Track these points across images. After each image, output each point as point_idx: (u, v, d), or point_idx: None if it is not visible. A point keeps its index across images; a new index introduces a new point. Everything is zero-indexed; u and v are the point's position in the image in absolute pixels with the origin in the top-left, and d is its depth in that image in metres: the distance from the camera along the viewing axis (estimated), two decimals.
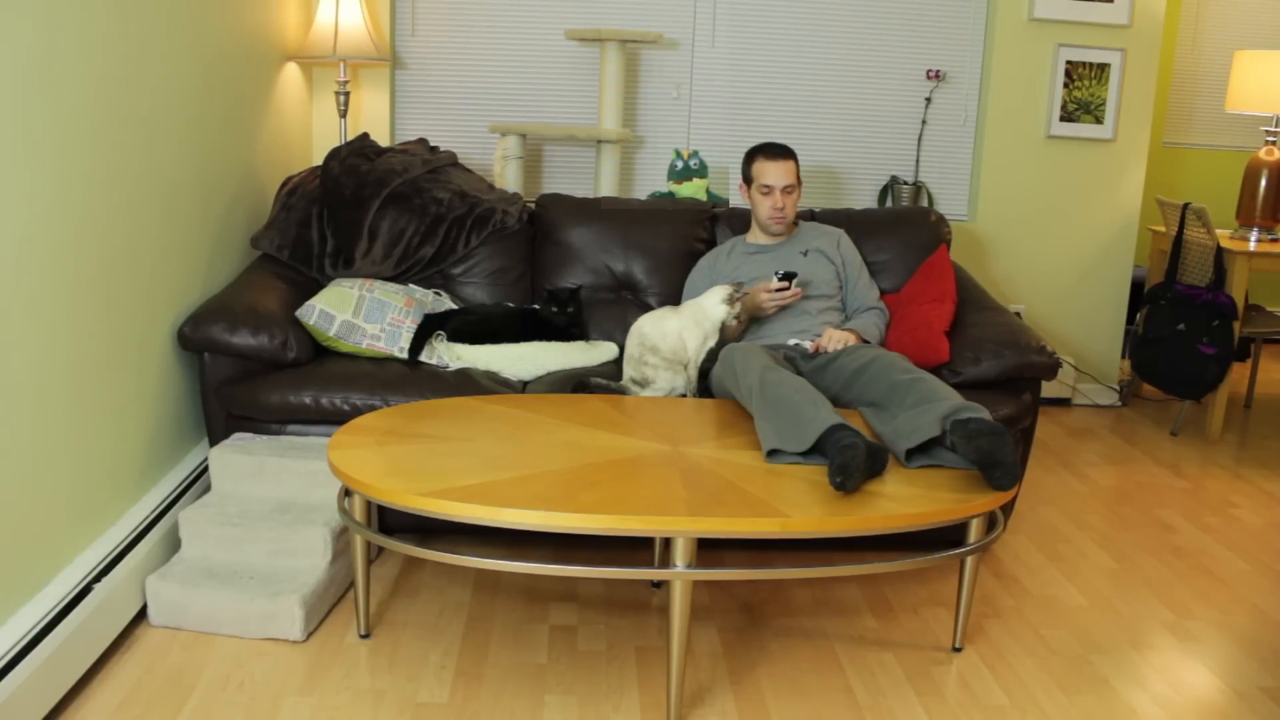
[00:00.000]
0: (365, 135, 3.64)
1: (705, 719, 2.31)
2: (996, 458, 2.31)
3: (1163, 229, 4.71)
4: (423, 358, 3.13)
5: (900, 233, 3.65)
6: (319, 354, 3.13)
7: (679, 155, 4.08)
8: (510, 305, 3.44)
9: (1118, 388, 4.75)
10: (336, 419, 2.92)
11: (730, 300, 2.99)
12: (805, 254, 3.33)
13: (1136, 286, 4.86)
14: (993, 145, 4.48)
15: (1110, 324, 4.71)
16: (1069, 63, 4.42)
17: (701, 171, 4.08)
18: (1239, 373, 5.04)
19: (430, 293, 3.43)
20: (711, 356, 3.02)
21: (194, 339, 2.88)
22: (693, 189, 4.04)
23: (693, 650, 2.58)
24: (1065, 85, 4.43)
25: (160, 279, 2.81)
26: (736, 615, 2.77)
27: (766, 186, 3.29)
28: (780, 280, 3.07)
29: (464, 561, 2.26)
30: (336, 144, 3.86)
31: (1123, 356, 4.87)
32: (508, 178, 4.09)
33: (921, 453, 2.49)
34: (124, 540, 2.55)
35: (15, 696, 2.02)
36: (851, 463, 2.26)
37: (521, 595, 2.82)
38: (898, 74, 4.46)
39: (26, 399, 2.19)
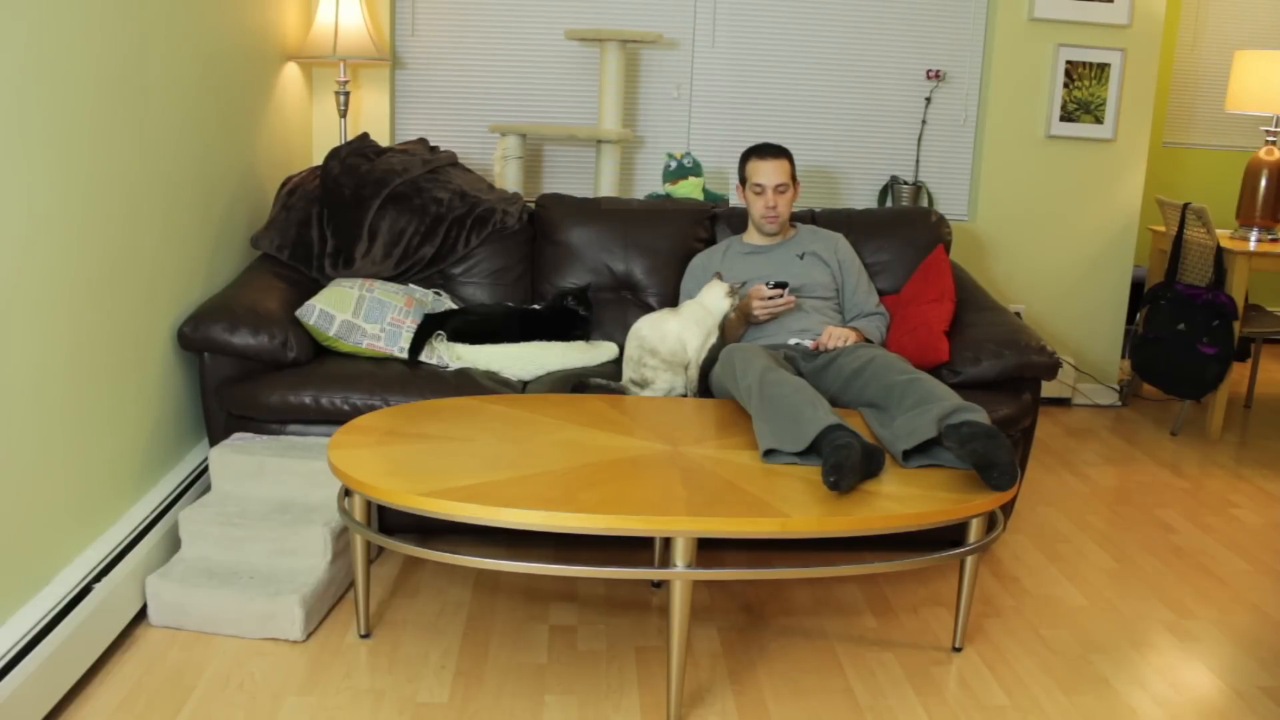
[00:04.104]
0: (365, 135, 3.64)
1: (705, 719, 2.31)
2: (992, 459, 2.31)
3: (1163, 229, 4.71)
4: (423, 358, 3.13)
5: (900, 233, 3.65)
6: (319, 354, 3.13)
7: (671, 157, 4.08)
8: (510, 305, 3.45)
9: (1118, 388, 4.75)
10: (336, 419, 2.92)
11: (732, 293, 3.01)
12: (801, 257, 3.33)
13: (1136, 286, 4.86)
14: (993, 145, 4.48)
15: (1110, 324, 4.71)
16: (1069, 63, 4.42)
17: (696, 170, 4.08)
18: (1239, 373, 5.04)
19: (430, 293, 3.43)
20: (712, 356, 3.03)
21: (194, 339, 2.88)
22: (689, 188, 4.03)
23: (693, 650, 2.58)
24: (1065, 85, 4.43)
25: (160, 279, 2.81)
26: (736, 615, 2.77)
27: (759, 186, 3.29)
28: (772, 289, 3.08)
29: (464, 561, 2.26)
30: (336, 144, 3.86)
31: (1123, 356, 4.87)
32: (508, 178, 4.09)
33: (920, 452, 2.49)
34: (124, 540, 2.55)
35: (15, 696, 2.02)
36: (845, 462, 2.26)
37: (521, 595, 2.82)
38: (898, 74, 4.46)
39: (26, 399, 2.19)
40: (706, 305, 3.01)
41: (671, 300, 3.48)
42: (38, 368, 2.23)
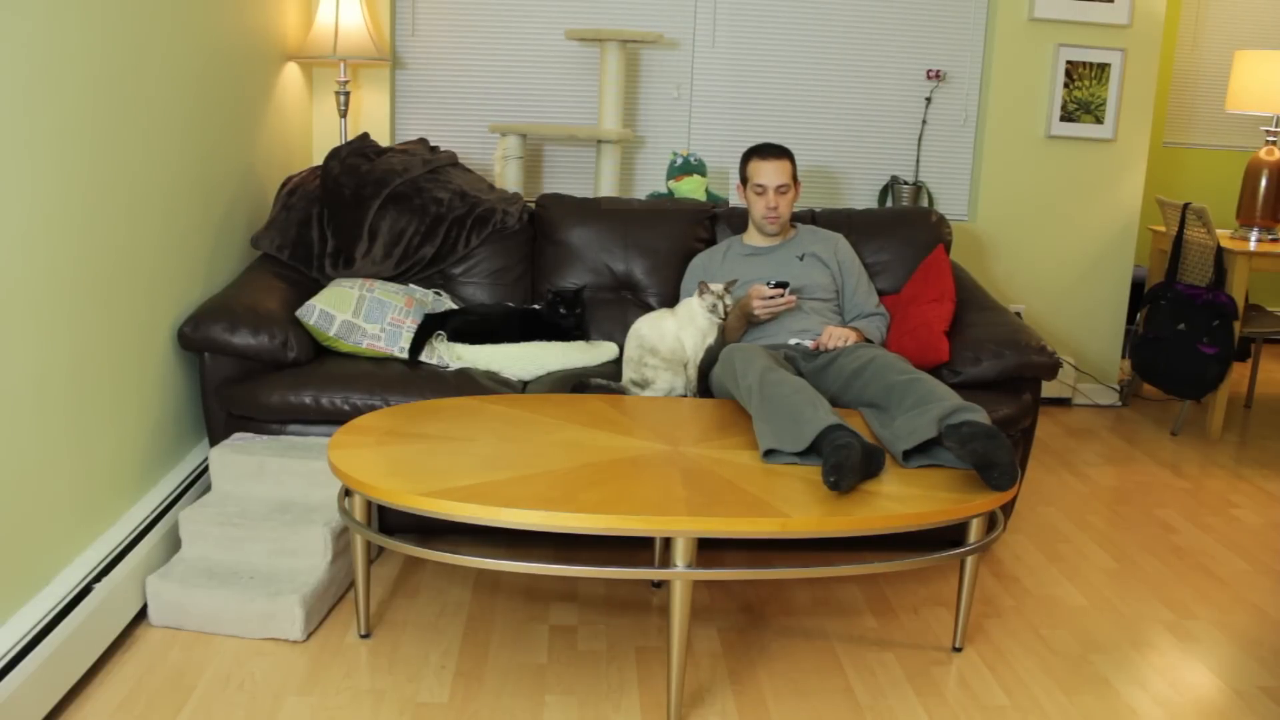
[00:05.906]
0: (365, 135, 3.64)
1: (705, 719, 2.31)
2: (992, 459, 2.31)
3: (1163, 229, 4.72)
4: (423, 358, 3.13)
5: (900, 233, 3.65)
6: (319, 354, 3.13)
7: (677, 154, 4.09)
8: (510, 305, 3.44)
9: (1118, 388, 4.75)
10: (336, 419, 2.92)
11: (709, 292, 2.98)
12: (801, 258, 3.33)
13: (1136, 286, 4.86)
14: (993, 145, 4.48)
15: (1110, 324, 4.71)
16: (1069, 63, 4.42)
17: (700, 169, 4.09)
18: (1239, 373, 5.04)
19: (430, 293, 3.43)
20: (712, 356, 3.03)
21: (194, 339, 2.89)
22: (692, 186, 4.04)
23: (693, 650, 2.58)
24: (1065, 85, 4.43)
25: (160, 279, 2.81)
26: (736, 615, 2.77)
27: (760, 186, 3.29)
28: (773, 288, 3.08)
29: (464, 561, 2.26)
30: (336, 144, 3.86)
31: (1123, 356, 4.87)
32: (508, 178, 4.09)
33: (920, 452, 2.49)
34: (124, 540, 2.55)
35: (15, 696, 2.02)
36: (846, 462, 2.26)
37: (521, 595, 2.82)
38: (898, 74, 4.46)
39: (27, 399, 2.19)
40: (693, 309, 3.01)
41: (671, 300, 3.47)
42: (38, 368, 2.23)
